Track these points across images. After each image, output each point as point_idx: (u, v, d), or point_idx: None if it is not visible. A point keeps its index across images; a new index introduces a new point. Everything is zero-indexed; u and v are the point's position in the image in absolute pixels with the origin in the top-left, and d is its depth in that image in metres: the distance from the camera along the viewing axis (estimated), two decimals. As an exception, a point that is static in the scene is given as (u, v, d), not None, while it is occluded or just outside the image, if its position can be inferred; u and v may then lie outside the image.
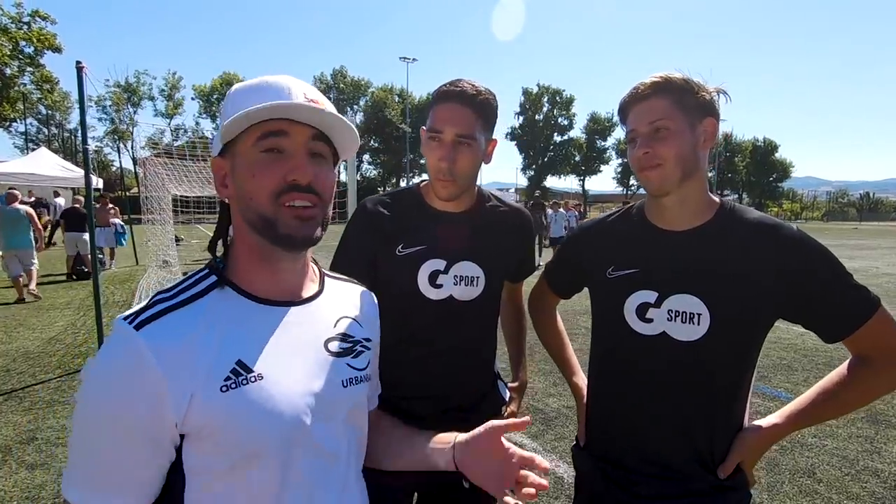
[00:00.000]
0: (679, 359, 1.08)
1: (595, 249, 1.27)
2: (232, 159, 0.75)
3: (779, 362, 5.07)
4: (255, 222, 0.74)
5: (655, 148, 1.06)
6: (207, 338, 0.69)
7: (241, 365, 0.69)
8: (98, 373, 0.66)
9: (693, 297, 1.06)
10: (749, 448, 1.08)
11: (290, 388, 0.72)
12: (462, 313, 1.32)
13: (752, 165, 66.91)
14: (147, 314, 0.68)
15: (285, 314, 0.77)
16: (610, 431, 1.22)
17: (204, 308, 0.72)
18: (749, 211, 1.12)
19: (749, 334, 1.08)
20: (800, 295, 1.03)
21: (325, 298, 0.86)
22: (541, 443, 3.38)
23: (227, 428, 0.67)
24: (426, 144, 1.25)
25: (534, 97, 57.87)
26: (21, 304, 7.33)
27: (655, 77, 1.08)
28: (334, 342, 0.82)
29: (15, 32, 27.45)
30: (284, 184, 0.72)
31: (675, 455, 1.10)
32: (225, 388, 0.67)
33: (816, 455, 3.25)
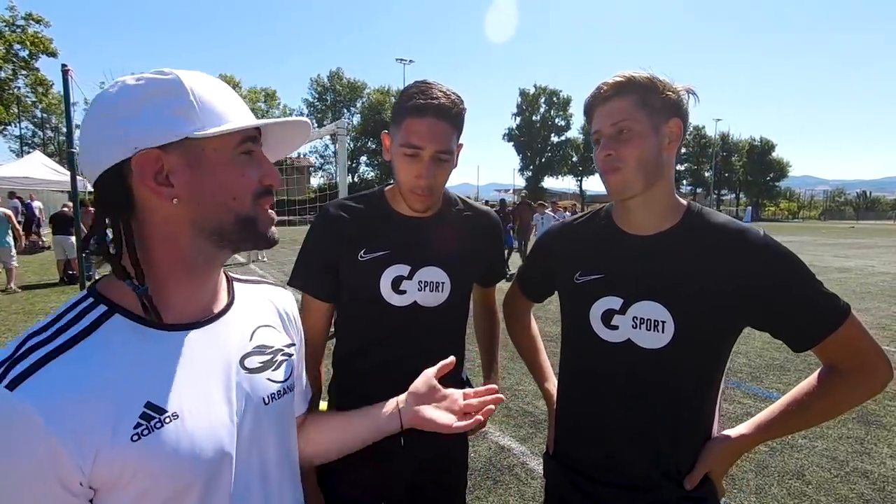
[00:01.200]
0: (644, 367, 1.05)
1: (563, 253, 1.25)
2: (190, 156, 0.67)
3: (771, 362, 5.04)
4: (227, 223, 0.70)
5: (618, 150, 1.03)
6: (105, 383, 0.60)
7: (150, 407, 0.62)
8: None
9: (657, 304, 1.03)
10: (716, 458, 1.05)
11: (211, 421, 0.67)
12: (427, 320, 1.28)
13: (749, 165, 66.97)
14: (20, 367, 0.57)
15: (194, 337, 0.71)
16: (576, 439, 1.19)
17: (94, 347, 0.62)
18: (716, 215, 1.09)
19: (715, 342, 1.05)
20: (765, 303, 1.00)
21: (237, 309, 0.80)
22: (529, 446, 3.35)
23: (145, 477, 0.61)
24: (400, 158, 1.18)
25: (531, 98, 57.86)
26: (10, 301, 7.28)
27: (619, 77, 1.05)
28: (252, 357, 0.77)
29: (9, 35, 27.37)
30: (261, 187, 0.73)
31: (640, 465, 1.08)
32: (136, 437, 0.60)
33: (806, 456, 3.23)
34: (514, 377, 4.61)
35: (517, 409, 3.94)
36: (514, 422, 3.72)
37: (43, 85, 31.49)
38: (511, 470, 3.06)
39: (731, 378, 4.67)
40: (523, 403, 4.04)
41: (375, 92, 54.64)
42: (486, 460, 3.16)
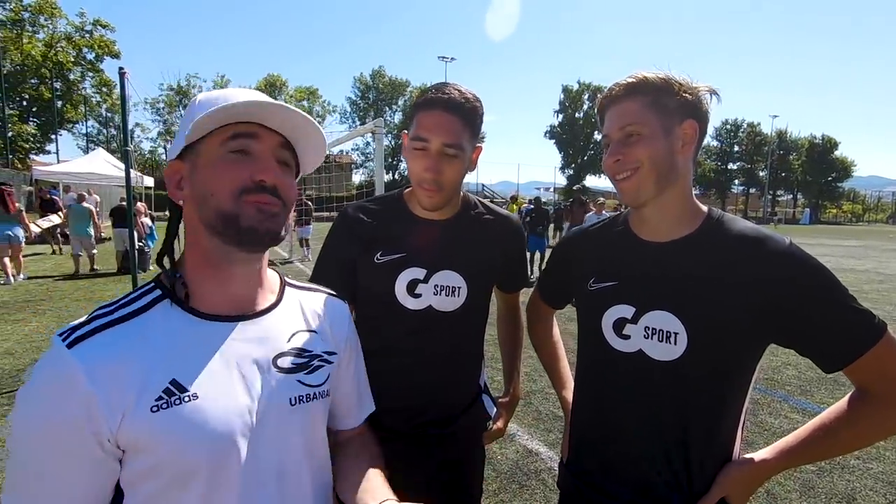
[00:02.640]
0: (655, 379, 1.00)
1: (579, 259, 1.21)
2: (193, 160, 0.75)
3: (823, 375, 4.73)
4: (214, 221, 0.73)
5: (626, 154, 0.99)
6: (143, 356, 0.68)
7: (174, 384, 0.68)
8: (30, 394, 0.66)
9: (670, 315, 0.98)
10: (733, 483, 0.99)
11: (226, 408, 0.70)
12: (442, 324, 1.27)
13: (809, 164, 63.09)
14: (82, 331, 0.67)
15: (231, 330, 0.75)
16: (588, 450, 1.15)
17: (143, 324, 0.71)
18: (737, 221, 1.02)
19: (732, 358, 0.98)
20: (788, 318, 0.92)
21: (281, 311, 0.83)
22: (558, 451, 3.28)
23: (158, 447, 0.66)
24: (410, 152, 1.20)
25: (574, 94, 56.70)
26: (73, 289, 7.82)
27: (631, 77, 1.01)
28: (286, 358, 0.79)
29: (78, 40, 29.36)
30: (250, 183, 0.72)
31: (652, 482, 1.03)
32: (155, 409, 0.66)
33: (858, 479, 3.01)
34: (545, 380, 4.53)
35: (547, 412, 3.87)
36: (544, 425, 3.66)
37: (107, 86, 33.62)
38: (538, 475, 3.01)
39: (777, 391, 4.42)
40: (554, 407, 3.96)
41: (418, 90, 55.03)
42: (513, 464, 3.12)
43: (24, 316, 6.44)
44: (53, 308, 6.93)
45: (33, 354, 4.96)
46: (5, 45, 23.07)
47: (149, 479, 0.67)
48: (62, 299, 7.53)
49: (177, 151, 0.76)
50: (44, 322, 6.15)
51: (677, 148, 0.99)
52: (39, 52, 27.35)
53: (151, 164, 37.66)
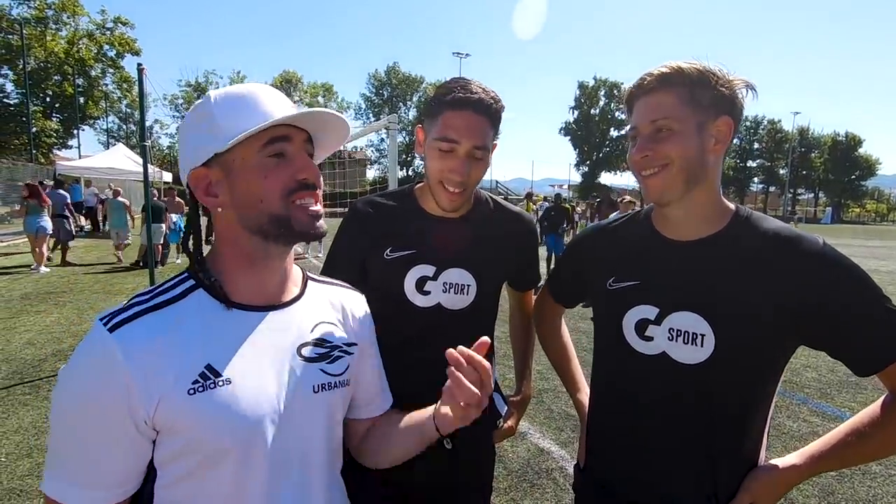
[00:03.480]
0: (679, 383, 0.97)
1: (597, 257, 1.17)
2: (226, 167, 0.76)
3: (845, 378, 4.62)
4: (265, 224, 0.77)
5: (656, 150, 0.94)
6: (179, 341, 0.72)
7: (209, 369, 0.72)
8: (72, 372, 0.70)
9: (696, 316, 0.94)
10: (762, 488, 0.95)
11: (257, 393, 0.75)
12: (452, 323, 1.25)
13: (832, 162, 61.63)
14: (123, 316, 0.72)
15: (261, 319, 0.80)
16: (608, 455, 1.12)
17: (179, 312, 0.75)
18: (767, 220, 0.98)
19: (761, 361, 0.94)
20: (821, 320, 0.89)
21: (304, 303, 0.87)
22: (570, 451, 3.26)
23: (192, 428, 0.70)
24: (434, 152, 1.16)
25: (590, 91, 56.21)
26: (93, 282, 7.98)
27: (665, 67, 0.95)
28: (309, 347, 0.83)
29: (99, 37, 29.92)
30: (294, 183, 0.77)
31: (675, 487, 1.00)
32: (192, 391, 0.70)
33: (881, 485, 2.93)
34: (557, 378, 4.48)
35: (559, 411, 3.84)
36: (556, 424, 3.63)
37: (127, 82, 34.22)
38: (549, 474, 2.99)
39: (797, 393, 4.33)
40: (566, 406, 3.93)
41: (432, 86, 54.99)
42: (525, 462, 3.10)
43: (46, 307, 6.60)
44: (74, 300, 7.08)
45: (54, 345, 5.07)
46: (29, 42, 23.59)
47: (183, 458, 0.72)
48: (82, 292, 7.69)
49: (203, 159, 0.77)
50: (64, 314, 6.29)
51: (709, 146, 0.94)
52: (62, 49, 27.94)
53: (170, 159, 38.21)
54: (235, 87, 0.79)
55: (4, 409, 3.61)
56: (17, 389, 3.97)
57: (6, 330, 5.56)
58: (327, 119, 0.81)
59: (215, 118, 0.75)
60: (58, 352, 4.88)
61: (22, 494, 2.64)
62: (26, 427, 3.36)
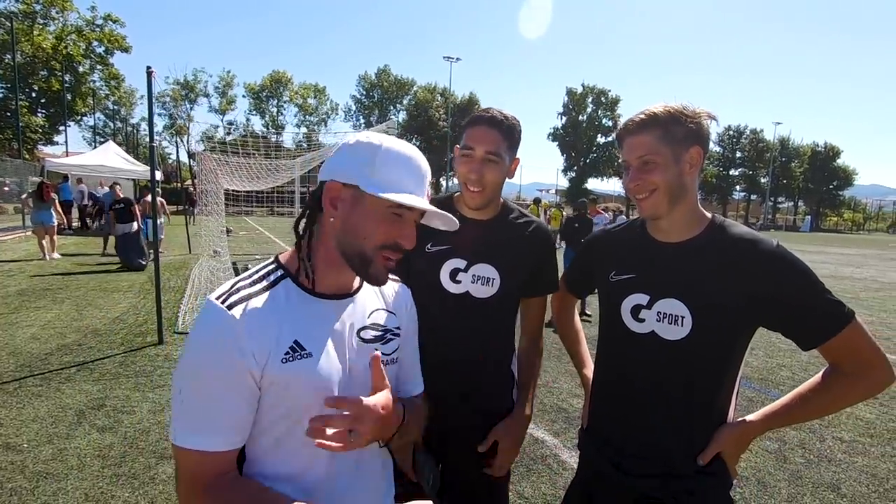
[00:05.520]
0: (665, 355, 1.21)
1: (603, 255, 1.43)
2: (356, 196, 0.91)
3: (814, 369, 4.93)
4: (350, 253, 0.93)
5: (644, 180, 1.19)
6: (276, 320, 0.88)
7: (297, 344, 0.89)
8: (201, 340, 0.86)
9: (678, 302, 1.19)
10: (727, 440, 1.19)
11: (331, 366, 0.92)
12: (477, 308, 1.49)
13: (811, 172, 63.23)
14: (235, 297, 0.88)
15: (333, 307, 0.96)
16: (606, 415, 1.37)
17: (274, 296, 0.91)
18: (736, 226, 1.23)
19: (728, 337, 1.18)
20: (773, 305, 1.13)
21: (364, 292, 1.04)
22: (562, 440, 3.50)
23: (284, 389, 0.88)
24: (459, 160, 1.45)
25: (578, 97, 56.88)
26: (88, 280, 8.03)
27: (643, 114, 1.21)
28: (368, 331, 1.01)
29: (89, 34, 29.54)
30: (392, 242, 0.93)
31: (661, 440, 1.23)
32: (285, 360, 0.87)
33: (844, 471, 3.22)
34: (549, 374, 4.74)
35: (552, 404, 4.08)
36: (549, 416, 3.87)
37: (115, 79, 33.81)
38: (544, 460, 3.22)
39: (772, 390, 4.63)
40: (557, 400, 4.18)
41: (422, 89, 55.22)
42: (521, 450, 3.32)
43: (45, 303, 6.66)
44: (71, 297, 7.14)
45: (58, 340, 5.17)
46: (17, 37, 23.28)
47: (275, 412, 0.89)
48: (79, 289, 7.74)
49: (347, 180, 0.91)
50: (64, 309, 6.37)
51: (686, 170, 1.19)
52: (50, 45, 27.58)
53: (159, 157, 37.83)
54: (403, 146, 0.94)
55: (19, 401, 3.73)
56: (28, 382, 4.08)
57: (8, 325, 5.63)
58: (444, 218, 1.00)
59: (376, 162, 0.90)
60: (63, 346, 4.98)
61: (49, 477, 2.78)
62: (43, 416, 3.49)
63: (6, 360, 4.55)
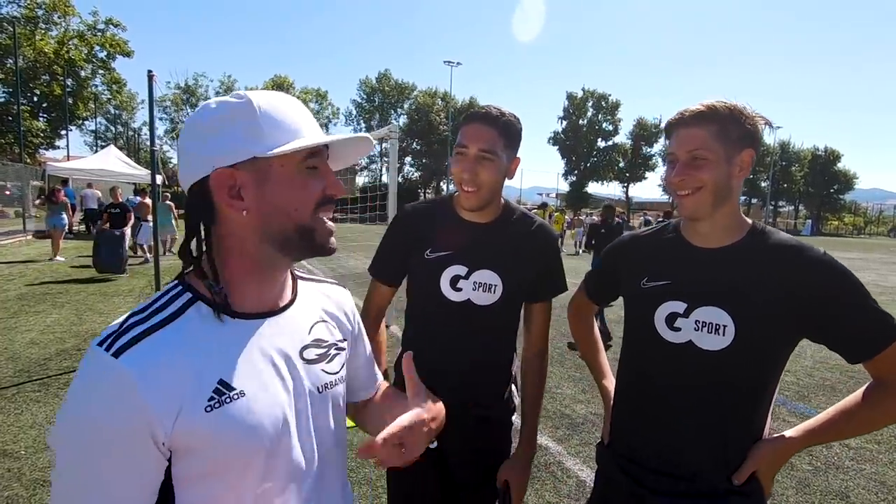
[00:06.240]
0: (703, 367, 1.14)
1: (632, 261, 1.35)
2: (260, 172, 0.74)
3: (822, 382, 4.89)
4: (290, 233, 0.76)
5: (691, 175, 1.12)
6: (188, 359, 0.69)
7: (222, 384, 0.70)
8: (80, 404, 0.65)
9: (720, 310, 1.12)
10: (763, 458, 1.12)
11: (271, 402, 0.75)
12: (479, 316, 1.44)
13: (812, 176, 63.21)
14: (125, 339, 0.67)
15: (262, 327, 0.78)
16: (632, 430, 1.29)
17: (183, 328, 0.71)
18: (778, 233, 1.17)
19: (771, 348, 1.12)
20: (821, 316, 1.07)
21: (298, 305, 0.87)
22: (566, 446, 3.45)
23: (213, 444, 0.69)
24: (453, 159, 1.40)
25: (578, 101, 56.93)
26: (88, 285, 8.01)
27: (701, 106, 1.13)
28: (309, 350, 0.85)
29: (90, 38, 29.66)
30: (322, 197, 0.78)
31: (692, 457, 1.16)
32: (209, 408, 0.68)
33: (852, 478, 3.17)
34: (552, 380, 4.70)
35: (555, 411, 4.04)
36: (552, 423, 3.82)
37: (117, 83, 33.89)
38: (547, 467, 3.18)
39: (777, 396, 4.58)
40: (561, 406, 4.13)
41: (423, 94, 55.33)
42: (524, 457, 3.28)
43: (44, 308, 6.62)
44: (71, 301, 7.11)
45: (57, 345, 5.13)
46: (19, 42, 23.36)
47: (204, 475, 0.70)
48: (78, 293, 7.71)
49: (235, 160, 0.73)
50: (64, 314, 6.33)
51: (735, 173, 1.13)
52: (52, 49, 27.65)
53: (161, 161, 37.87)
54: (275, 95, 0.77)
55: (17, 406, 3.69)
56: (27, 387, 4.04)
57: (7, 330, 5.59)
58: (359, 141, 0.84)
59: (259, 122, 0.73)
60: (62, 351, 4.94)
61: (45, 484, 2.74)
62: (41, 423, 3.45)
63: (4, 366, 4.51)
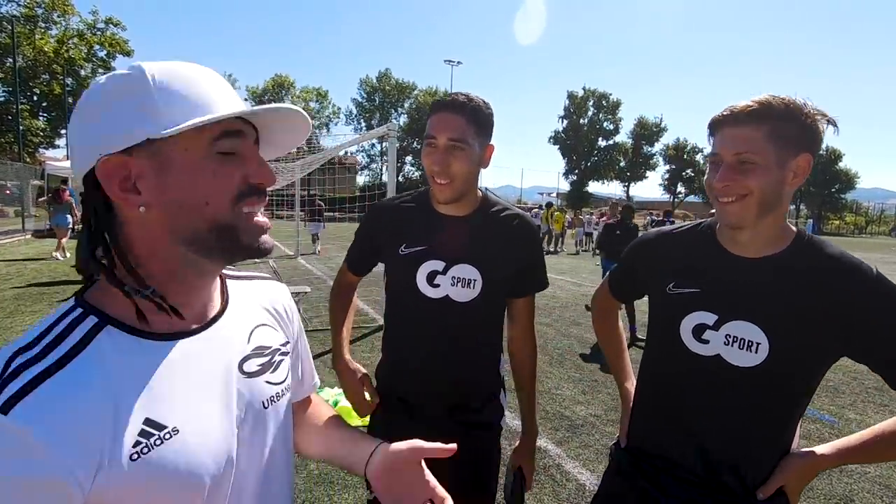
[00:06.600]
0: (731, 383, 1.07)
1: (657, 262, 1.25)
2: (159, 158, 0.61)
3: (824, 384, 4.81)
4: (205, 233, 0.63)
5: (737, 181, 1.00)
6: (103, 400, 0.56)
7: (150, 424, 0.58)
8: None
9: (753, 326, 1.04)
10: (793, 473, 1.07)
11: (211, 433, 0.64)
12: (458, 313, 1.38)
13: (812, 175, 62.66)
14: (13, 389, 0.52)
15: (190, 345, 0.66)
16: (654, 438, 1.23)
17: (89, 363, 0.57)
18: (828, 245, 1.06)
19: (809, 368, 1.05)
20: (870, 340, 1.00)
21: (232, 311, 0.75)
22: (565, 449, 3.40)
23: (147, 493, 0.57)
24: (423, 151, 1.34)
25: (579, 101, 56.89)
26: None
27: (754, 102, 0.99)
28: (250, 361, 0.73)
29: (90, 37, 29.65)
30: (246, 187, 0.65)
31: (716, 469, 1.11)
32: (136, 456, 0.56)
33: (856, 482, 3.12)
34: (552, 381, 4.65)
35: (554, 412, 3.98)
36: (551, 424, 3.77)
37: (117, 83, 33.83)
38: (546, 470, 3.12)
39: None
40: (560, 407, 4.08)
41: (423, 93, 55.28)
42: (522, 459, 3.23)
43: (41, 307, 6.57)
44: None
45: (52, 345, 5.08)
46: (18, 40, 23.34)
47: None
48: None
49: (126, 143, 0.59)
50: (60, 314, 6.28)
51: (788, 180, 1.01)
52: (51, 49, 27.64)
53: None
54: (176, 64, 0.64)
55: (9, 407, 3.65)
56: (20, 388, 4.00)
57: (3, 329, 5.55)
58: (289, 116, 0.69)
59: (153, 96, 0.59)
60: None
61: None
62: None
63: None
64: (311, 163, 11.53)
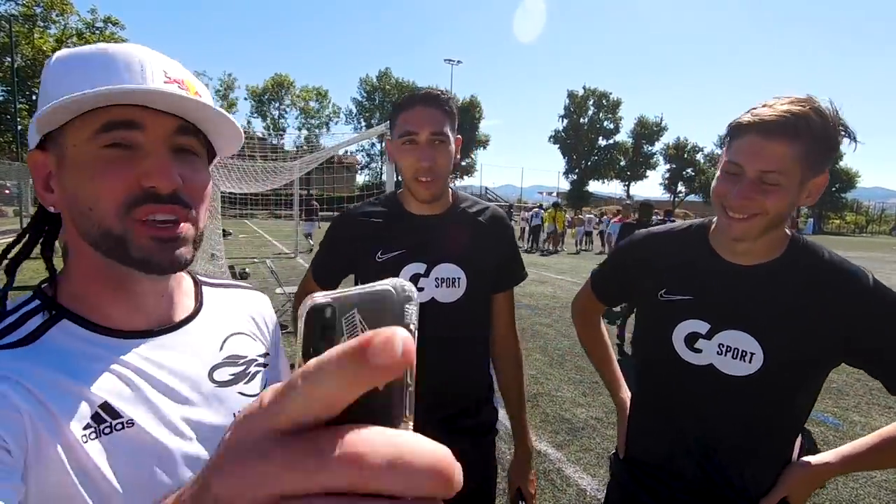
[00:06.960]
0: (725, 392, 1.04)
1: (648, 265, 1.20)
2: (57, 154, 0.56)
3: (828, 385, 4.76)
4: (98, 240, 0.56)
5: (755, 200, 0.94)
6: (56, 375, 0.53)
7: (106, 409, 0.54)
8: None
9: (747, 335, 1.01)
10: (796, 483, 1.03)
11: (166, 438, 0.58)
12: (446, 315, 1.33)
13: (813, 174, 62.92)
14: None
15: (151, 345, 0.62)
16: (651, 449, 1.20)
17: (43, 349, 0.55)
18: (822, 252, 1.03)
19: (806, 377, 1.02)
20: (868, 347, 0.97)
21: (205, 317, 0.71)
22: (566, 453, 3.34)
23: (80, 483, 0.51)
24: (400, 150, 1.27)
25: (579, 100, 56.78)
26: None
27: (790, 113, 0.89)
28: (222, 369, 0.69)
29: (89, 37, 29.63)
30: (138, 191, 0.55)
31: (716, 481, 1.07)
32: (87, 438, 0.52)
33: (862, 486, 3.06)
34: (552, 382, 4.59)
35: (554, 414, 3.93)
36: (551, 427, 3.71)
37: (115, 82, 33.75)
38: (546, 475, 3.07)
39: (782, 398, 4.47)
40: (561, 410, 4.02)
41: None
42: (522, 463, 3.17)
43: (36, 308, 6.52)
44: (64, 301, 7.00)
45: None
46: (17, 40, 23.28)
47: None
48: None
49: (34, 141, 0.57)
50: (55, 315, 6.22)
51: (802, 199, 0.98)
52: (50, 48, 27.56)
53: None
54: (87, 47, 0.57)
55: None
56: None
57: None
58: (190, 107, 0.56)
59: (46, 84, 0.55)
60: None
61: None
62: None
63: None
64: (309, 162, 11.49)
